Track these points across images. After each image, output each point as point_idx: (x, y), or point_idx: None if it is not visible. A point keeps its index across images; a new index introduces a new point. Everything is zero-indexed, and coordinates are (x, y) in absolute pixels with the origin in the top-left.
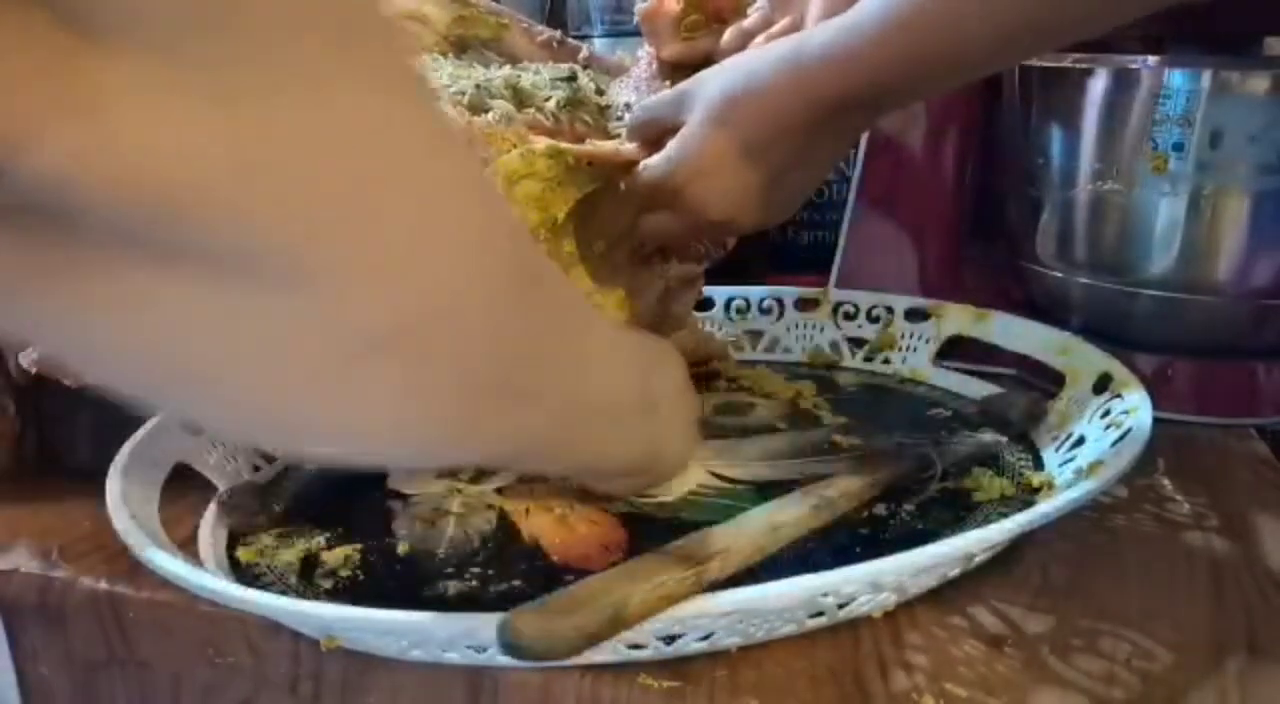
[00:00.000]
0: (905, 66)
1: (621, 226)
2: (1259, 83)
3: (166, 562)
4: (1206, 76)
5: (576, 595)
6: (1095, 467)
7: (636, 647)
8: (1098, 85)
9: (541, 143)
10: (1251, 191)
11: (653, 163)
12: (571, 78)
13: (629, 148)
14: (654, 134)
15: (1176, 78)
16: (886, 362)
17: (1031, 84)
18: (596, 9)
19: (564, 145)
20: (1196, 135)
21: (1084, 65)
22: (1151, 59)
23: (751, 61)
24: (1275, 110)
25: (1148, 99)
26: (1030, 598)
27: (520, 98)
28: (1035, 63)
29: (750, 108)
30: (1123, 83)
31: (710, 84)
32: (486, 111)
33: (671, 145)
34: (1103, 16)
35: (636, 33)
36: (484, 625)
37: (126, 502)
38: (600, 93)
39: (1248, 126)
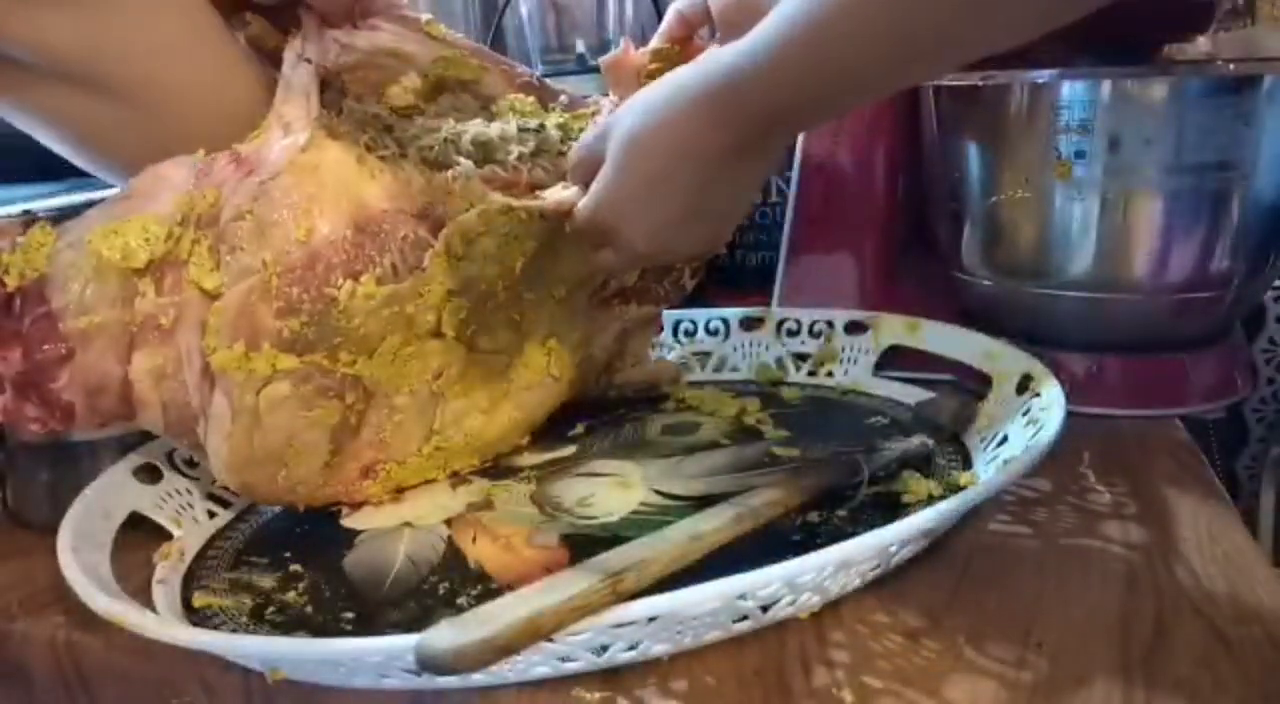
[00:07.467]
0: (807, 84)
1: (582, 272)
2: (1150, 89)
3: (114, 607)
4: (1100, 86)
5: (493, 610)
6: (1014, 462)
7: (566, 660)
8: (1001, 99)
9: (497, 199)
10: (1155, 192)
11: (581, 205)
12: (540, 129)
13: (572, 191)
14: (592, 174)
15: (1073, 88)
16: (830, 374)
17: (941, 100)
18: (536, 50)
19: (515, 202)
20: (1096, 142)
21: (986, 81)
22: (1048, 72)
23: (658, 92)
24: (1167, 114)
25: (1048, 110)
26: (950, 591)
27: (487, 152)
28: (943, 81)
29: (656, 141)
30: (1024, 95)
31: (621, 119)
32: (448, 167)
33: (593, 185)
34: (1006, 32)
35: (575, 72)
36: (409, 647)
37: (77, 552)
38: (565, 141)
39: (1143, 131)
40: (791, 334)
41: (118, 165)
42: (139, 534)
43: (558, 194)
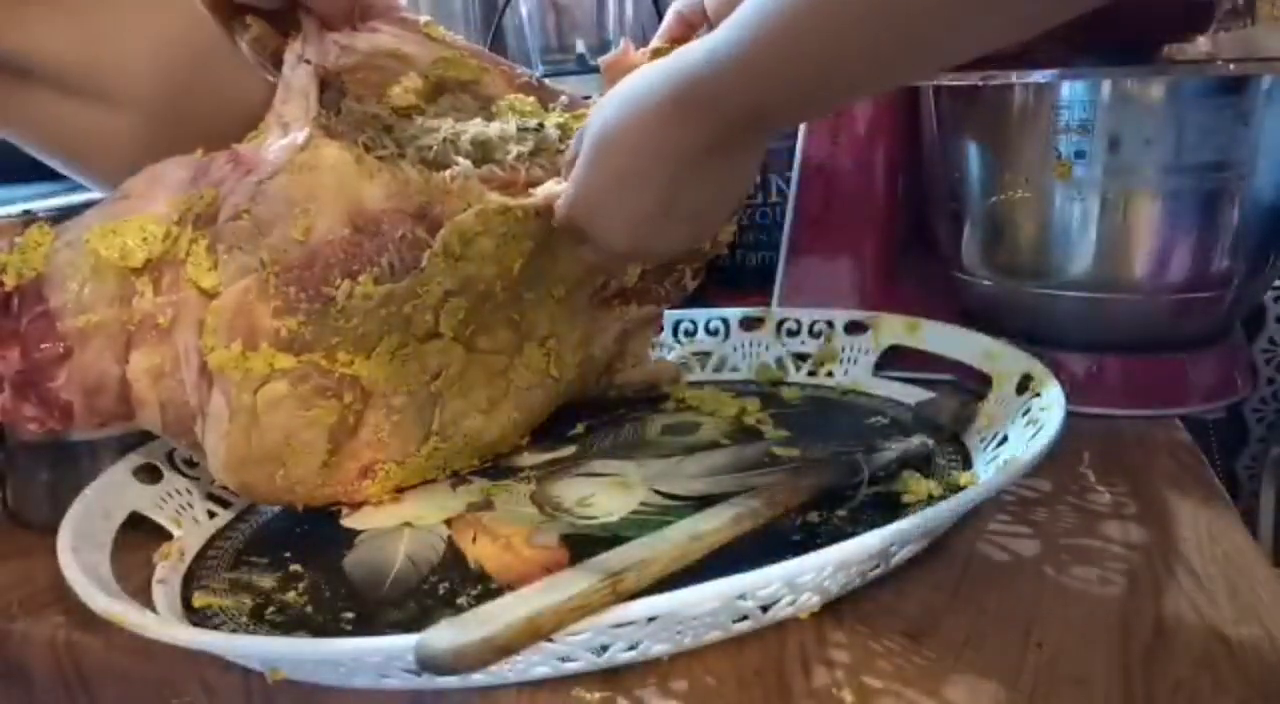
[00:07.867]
0: (781, 81)
1: (580, 271)
2: (1150, 89)
3: (114, 607)
4: (1100, 86)
5: (493, 610)
6: (1013, 462)
7: (566, 660)
8: (1001, 99)
9: (494, 199)
10: (1155, 192)
11: (558, 203)
12: (539, 128)
13: (561, 186)
14: None
15: (1073, 88)
16: (830, 374)
17: (941, 100)
18: (536, 50)
19: (512, 201)
20: (1096, 142)
21: (986, 81)
22: (1048, 72)
23: (631, 87)
24: (1167, 114)
25: (1048, 110)
26: (950, 591)
27: (486, 152)
28: (942, 81)
29: (625, 137)
30: (1024, 95)
31: (596, 114)
32: (446, 167)
33: (568, 182)
34: (986, 35)
35: (575, 72)
36: (409, 647)
37: (77, 552)
38: (564, 141)
39: (1143, 131)
40: (791, 334)
41: (115, 174)
42: (139, 534)
43: (547, 189)
